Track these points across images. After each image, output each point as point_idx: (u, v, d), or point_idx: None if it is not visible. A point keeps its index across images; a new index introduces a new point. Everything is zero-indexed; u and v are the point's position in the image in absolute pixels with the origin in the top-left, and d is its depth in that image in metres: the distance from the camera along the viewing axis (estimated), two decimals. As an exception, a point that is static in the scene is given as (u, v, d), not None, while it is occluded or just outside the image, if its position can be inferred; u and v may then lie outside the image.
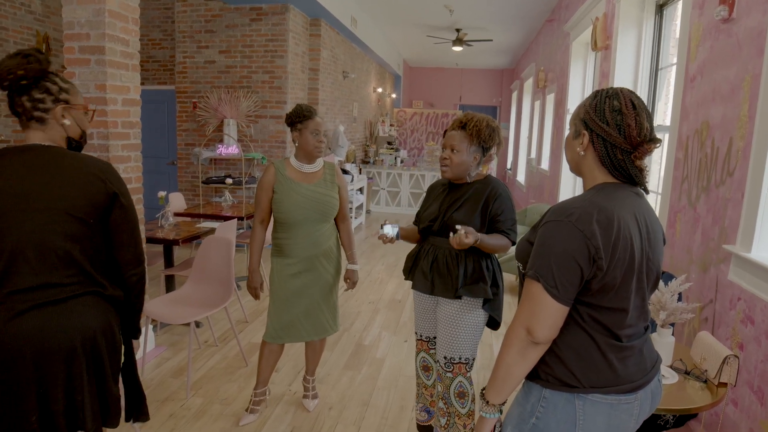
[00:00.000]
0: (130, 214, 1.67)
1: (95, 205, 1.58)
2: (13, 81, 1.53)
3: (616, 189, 1.29)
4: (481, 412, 1.37)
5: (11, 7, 5.90)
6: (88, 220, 1.57)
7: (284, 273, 2.63)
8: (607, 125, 1.26)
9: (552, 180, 6.69)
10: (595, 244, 1.19)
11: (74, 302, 1.55)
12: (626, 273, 1.23)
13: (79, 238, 1.56)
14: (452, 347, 2.26)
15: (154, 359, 3.45)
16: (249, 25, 6.32)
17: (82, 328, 1.55)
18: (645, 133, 1.25)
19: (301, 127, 2.58)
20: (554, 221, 1.23)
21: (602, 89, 1.31)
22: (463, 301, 2.24)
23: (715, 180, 2.50)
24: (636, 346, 1.31)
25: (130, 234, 1.68)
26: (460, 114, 2.31)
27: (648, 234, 1.29)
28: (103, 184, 1.59)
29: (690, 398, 1.89)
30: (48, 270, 1.52)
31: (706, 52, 2.70)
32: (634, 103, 1.26)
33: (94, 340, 1.58)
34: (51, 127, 1.61)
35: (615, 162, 1.28)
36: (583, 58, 5.91)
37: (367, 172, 9.78)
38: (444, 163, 2.24)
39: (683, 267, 2.79)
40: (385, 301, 4.86)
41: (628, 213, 1.25)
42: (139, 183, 3.39)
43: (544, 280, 1.21)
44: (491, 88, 14.84)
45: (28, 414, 1.50)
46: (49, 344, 1.50)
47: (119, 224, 1.64)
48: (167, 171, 7.11)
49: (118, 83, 3.14)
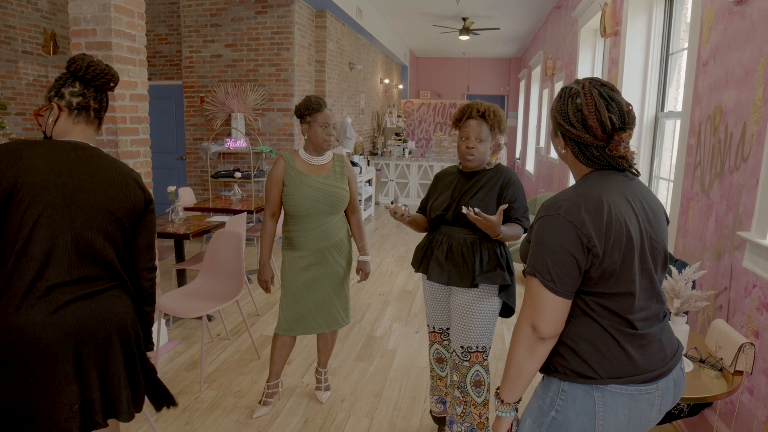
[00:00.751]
0: (154, 222, 1.77)
1: (135, 209, 1.67)
2: (113, 81, 1.70)
3: (603, 176, 1.30)
4: (497, 412, 1.37)
5: (18, 5, 5.92)
6: (125, 222, 1.65)
7: (295, 266, 2.63)
8: (574, 127, 1.27)
9: (561, 168, 6.64)
10: (586, 233, 1.19)
11: (109, 294, 1.63)
12: (625, 256, 1.23)
13: (115, 238, 1.63)
14: (468, 336, 2.26)
15: (167, 353, 3.48)
16: (254, 18, 6.30)
17: (116, 316, 1.62)
18: (610, 126, 1.25)
19: (310, 120, 2.57)
20: (545, 216, 1.25)
21: (566, 87, 1.32)
22: (479, 289, 2.24)
23: (729, 166, 2.47)
24: (653, 334, 1.30)
25: (150, 241, 1.76)
26: (468, 102, 2.30)
27: (647, 215, 1.29)
28: (141, 191, 1.70)
29: (705, 387, 1.87)
30: (86, 265, 1.57)
31: (719, 35, 2.65)
32: (595, 98, 1.25)
33: (126, 328, 1.66)
34: (95, 129, 1.72)
35: (592, 158, 1.30)
36: (592, 45, 5.84)
37: (375, 163, 9.77)
38: (470, 152, 2.23)
39: (697, 254, 2.76)
40: (395, 293, 4.87)
41: (618, 196, 1.25)
42: (148, 178, 3.40)
43: (541, 275, 1.22)
44: (499, 77, 14.72)
45: (71, 403, 1.54)
46: (88, 334, 1.56)
47: (146, 230, 1.73)
48: (176, 166, 7.14)
49: (125, 78, 3.14)
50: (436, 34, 10.88)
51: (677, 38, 3.79)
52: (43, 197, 1.50)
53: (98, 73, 1.65)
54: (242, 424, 2.71)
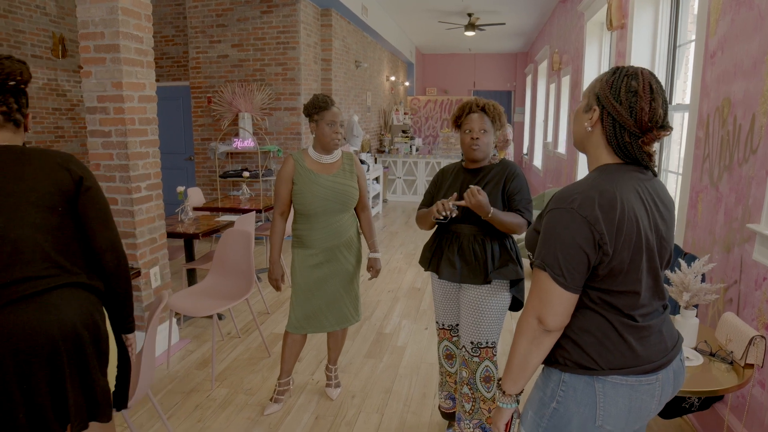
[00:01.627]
0: (98, 198, 1.68)
1: (63, 192, 1.59)
2: (19, 82, 1.60)
3: (620, 169, 1.27)
4: (498, 403, 1.37)
5: (27, 10, 5.98)
6: (57, 208, 1.58)
7: (305, 264, 2.65)
8: (620, 105, 1.23)
9: (569, 163, 6.62)
10: (599, 230, 1.18)
11: (51, 295, 1.53)
12: (634, 255, 1.22)
13: (50, 229, 1.57)
14: (479, 332, 2.27)
15: (178, 351, 3.51)
16: (260, 18, 6.32)
17: (60, 322, 1.51)
18: (657, 119, 1.23)
19: (318, 119, 2.58)
20: (557, 209, 1.22)
21: (623, 66, 1.28)
22: (490, 285, 2.25)
23: (738, 158, 2.45)
24: (654, 326, 1.30)
25: (102, 219, 1.68)
26: (467, 99, 2.33)
27: (659, 212, 1.27)
28: (66, 172, 1.61)
29: (716, 380, 1.87)
30: (21, 264, 1.50)
31: (727, 26, 2.63)
32: (652, 87, 1.23)
33: (75, 333, 1.54)
34: (21, 130, 1.65)
35: (621, 143, 1.26)
36: (598, 39, 5.81)
37: (382, 161, 9.77)
38: (475, 143, 2.24)
39: (706, 248, 2.75)
40: (404, 290, 4.88)
41: (631, 193, 1.23)
42: (158, 179, 3.43)
43: (551, 269, 1.21)
44: (505, 72, 14.66)
45: (14, 411, 1.48)
46: (28, 341, 1.47)
47: (88, 209, 1.65)
48: (185, 166, 7.19)
49: (133, 80, 3.17)
50: (441, 31, 10.86)
51: (684, 30, 3.76)
52: None
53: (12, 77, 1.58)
54: (253, 421, 2.73)
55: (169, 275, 3.60)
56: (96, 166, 3.22)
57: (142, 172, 3.27)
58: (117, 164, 3.19)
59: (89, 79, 3.13)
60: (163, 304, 2.23)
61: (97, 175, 3.22)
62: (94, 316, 1.62)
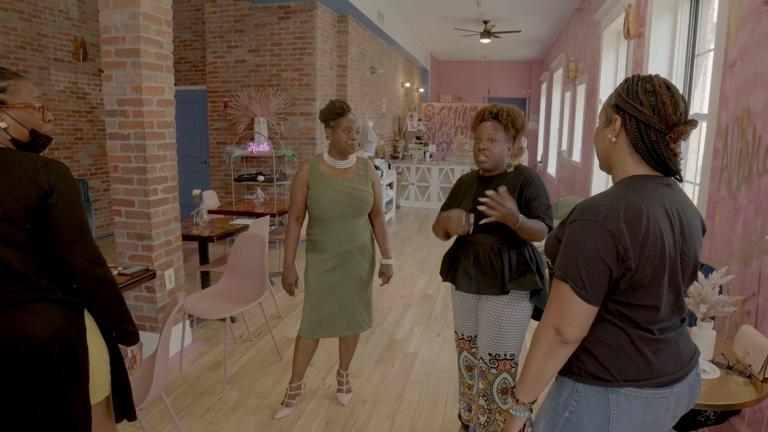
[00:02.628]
0: (69, 213, 1.51)
1: (27, 207, 1.46)
2: None
3: (646, 181, 1.25)
4: (511, 411, 1.36)
5: (50, 15, 6.10)
6: (23, 225, 1.46)
7: (319, 268, 2.66)
8: (641, 105, 1.23)
9: (584, 172, 6.57)
10: (623, 244, 1.16)
11: (20, 310, 1.46)
12: (656, 270, 1.20)
13: (18, 245, 1.46)
14: (497, 344, 2.22)
15: (191, 354, 3.54)
16: (277, 24, 6.39)
17: (27, 338, 1.44)
18: (680, 112, 1.22)
19: (334, 125, 2.60)
20: (581, 220, 1.20)
21: (634, 75, 1.29)
22: (509, 296, 2.20)
23: (758, 169, 2.42)
24: (671, 339, 1.28)
25: (74, 236, 1.52)
26: (485, 105, 2.29)
27: (682, 226, 1.25)
28: (33, 184, 1.46)
29: (733, 394, 1.84)
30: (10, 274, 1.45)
31: (747, 36, 2.60)
32: (667, 85, 1.24)
33: (44, 350, 1.46)
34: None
35: (648, 144, 1.24)
36: (615, 47, 5.78)
37: (396, 167, 9.79)
38: (483, 153, 2.21)
39: (723, 259, 2.71)
40: (416, 296, 4.87)
41: (658, 207, 1.21)
42: (174, 181, 3.47)
43: (572, 281, 1.19)
44: (520, 79, 14.63)
45: None
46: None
47: (57, 225, 1.50)
48: (200, 169, 7.26)
49: (153, 84, 3.22)
50: (457, 38, 10.87)
51: (703, 39, 3.73)
52: None
53: None
54: (264, 424, 2.74)
55: (183, 277, 3.64)
56: (114, 168, 3.27)
57: (159, 175, 3.31)
58: (135, 167, 3.23)
59: (110, 83, 3.18)
60: (178, 306, 2.25)
61: (115, 177, 3.27)
62: (67, 333, 1.52)
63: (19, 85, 1.54)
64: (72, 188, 1.53)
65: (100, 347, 1.67)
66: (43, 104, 1.61)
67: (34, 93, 1.58)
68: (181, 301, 2.26)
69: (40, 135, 1.60)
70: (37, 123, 1.59)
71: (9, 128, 1.53)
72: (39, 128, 1.60)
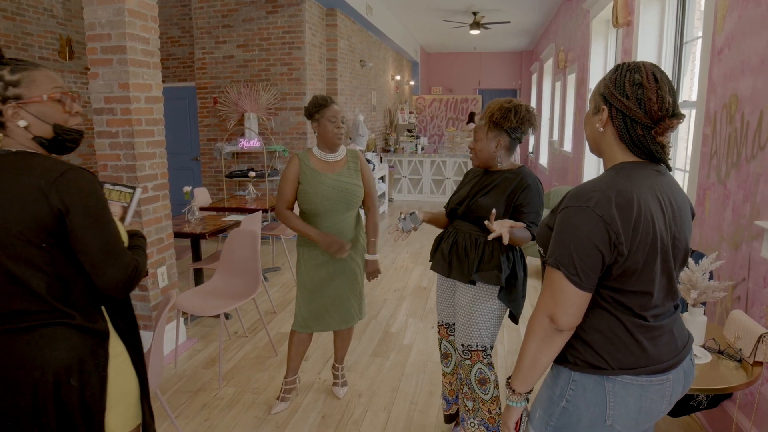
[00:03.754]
0: (92, 232, 1.34)
1: (41, 226, 1.30)
2: None
3: (636, 168, 1.25)
4: (507, 401, 1.36)
5: (35, 13, 6.03)
6: (39, 244, 1.31)
7: (311, 262, 2.65)
8: (627, 99, 1.23)
9: (575, 162, 6.60)
10: (615, 230, 1.16)
11: (36, 334, 1.34)
12: (649, 256, 1.21)
13: (37, 265, 1.32)
14: (469, 334, 2.26)
15: (186, 351, 3.53)
16: (265, 18, 6.34)
17: (41, 365, 1.33)
18: (666, 107, 1.22)
19: (319, 117, 2.59)
20: (573, 207, 1.20)
21: (624, 63, 1.28)
22: (478, 288, 2.23)
23: (746, 155, 2.44)
24: (666, 326, 1.29)
25: (102, 255, 1.35)
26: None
27: (673, 212, 1.26)
28: (45, 201, 1.29)
29: (724, 378, 1.86)
30: (9, 297, 1.32)
31: (734, 23, 2.61)
32: (656, 77, 1.22)
33: (58, 380, 1.35)
34: (11, 130, 1.36)
35: (634, 138, 1.24)
36: (604, 36, 5.78)
37: (388, 160, 9.78)
38: (471, 152, 2.29)
39: (713, 245, 2.74)
40: (410, 289, 4.88)
41: (649, 193, 1.21)
42: (164, 179, 3.45)
43: (565, 268, 1.19)
44: (510, 70, 14.62)
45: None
46: (12, 377, 1.33)
47: (80, 247, 1.34)
48: (191, 167, 7.22)
49: (140, 81, 3.19)
50: (446, 30, 10.85)
51: (691, 27, 3.74)
52: None
53: None
54: (261, 420, 2.74)
55: (176, 275, 3.62)
56: (103, 166, 3.24)
57: (149, 173, 3.29)
58: (124, 165, 3.21)
59: (96, 81, 3.15)
60: (171, 304, 2.24)
61: (105, 176, 3.24)
62: (85, 363, 1.39)
63: (35, 76, 1.38)
64: (93, 201, 1.34)
65: (130, 375, 1.54)
66: (66, 94, 1.42)
67: (55, 83, 1.41)
68: (173, 298, 2.25)
69: (66, 130, 1.42)
70: (61, 117, 1.41)
71: (30, 126, 1.37)
72: (64, 122, 1.42)
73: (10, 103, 1.34)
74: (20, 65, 1.37)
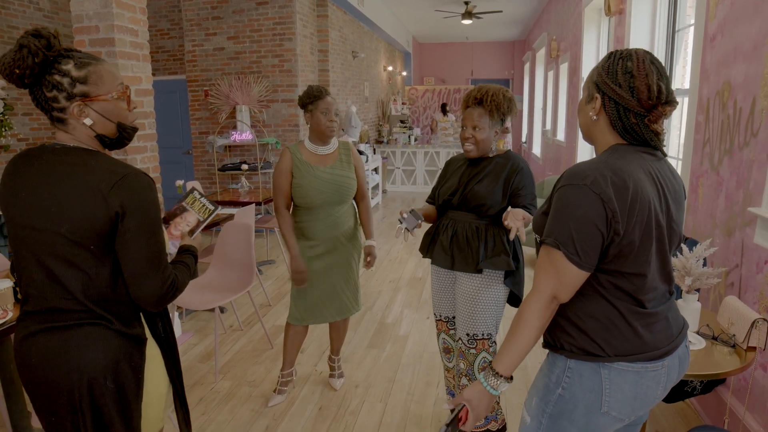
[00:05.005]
0: (143, 241, 1.31)
1: (94, 228, 1.27)
2: (12, 80, 1.28)
3: (630, 149, 1.26)
4: (486, 386, 1.28)
5: (20, 5, 5.93)
6: (87, 245, 1.29)
7: (306, 255, 2.64)
8: (620, 87, 1.22)
9: (568, 151, 6.60)
10: (611, 207, 1.16)
11: (75, 333, 1.33)
12: (644, 235, 1.21)
13: (78, 265, 1.30)
14: (474, 324, 2.25)
15: (181, 345, 3.52)
16: (255, 10, 6.28)
17: (78, 365, 1.32)
18: (660, 95, 1.21)
19: (312, 108, 2.57)
20: (570, 185, 1.20)
21: (617, 50, 1.28)
22: (483, 276, 2.23)
23: (739, 142, 2.44)
24: (661, 312, 1.29)
25: (146, 266, 1.32)
26: (472, 88, 2.27)
27: (667, 194, 1.26)
28: (104, 203, 1.26)
29: (718, 363, 1.87)
30: (52, 295, 1.32)
31: (726, 10, 2.61)
32: (647, 65, 1.22)
33: (94, 381, 1.33)
34: (74, 127, 1.32)
35: (627, 126, 1.24)
36: (597, 25, 5.77)
37: (381, 151, 9.75)
38: (469, 142, 2.21)
39: (707, 232, 2.75)
40: (405, 280, 4.88)
41: (643, 173, 1.22)
42: (156, 173, 3.42)
43: (565, 247, 1.18)
44: (503, 60, 14.60)
45: None
46: (50, 375, 1.33)
47: (127, 253, 1.31)
48: (183, 160, 7.17)
49: (129, 74, 3.15)
50: (438, 19, 10.79)
51: (683, 14, 3.73)
52: (8, 215, 1.33)
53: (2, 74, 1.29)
54: (258, 412, 2.74)
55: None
56: (94, 161, 3.21)
57: (140, 167, 3.26)
58: (115, 159, 3.17)
59: (85, 74, 3.11)
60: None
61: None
62: (121, 365, 1.36)
63: (101, 72, 1.32)
64: (151, 209, 1.32)
65: (160, 379, 1.52)
66: (127, 89, 1.39)
67: (118, 79, 1.37)
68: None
69: (127, 128, 1.40)
70: (123, 114, 1.38)
71: (95, 124, 1.33)
72: (125, 120, 1.39)
73: (76, 101, 1.29)
74: (84, 59, 1.31)
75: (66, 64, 1.29)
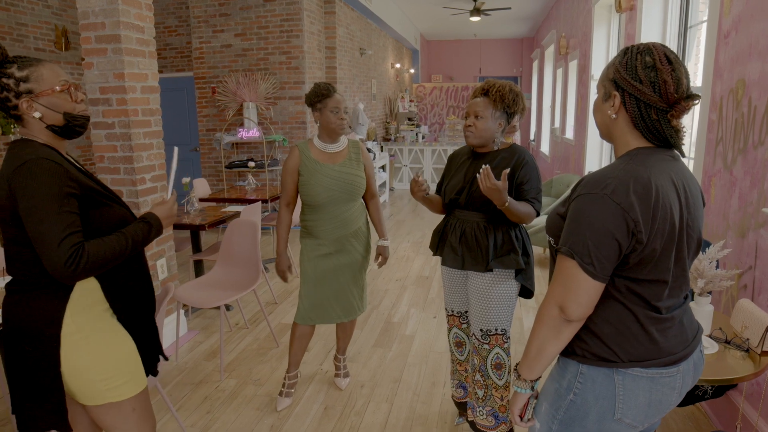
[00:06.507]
0: (29, 222, 1.43)
1: (3, 207, 1.48)
2: None
3: (651, 153, 1.21)
4: (514, 387, 1.34)
5: (29, 3, 5.95)
6: (7, 222, 1.49)
7: (314, 254, 2.62)
8: (641, 83, 1.18)
9: (577, 149, 6.54)
10: (634, 218, 1.12)
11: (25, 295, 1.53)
12: (666, 243, 1.17)
13: (7, 242, 1.53)
14: (487, 319, 2.25)
15: (186, 343, 3.51)
16: (263, 6, 6.26)
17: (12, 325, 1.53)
18: (683, 89, 1.17)
19: (321, 107, 2.55)
20: (588, 194, 1.16)
21: (632, 45, 1.23)
22: (494, 273, 2.22)
23: (753, 141, 2.39)
24: (676, 317, 1.26)
25: (36, 245, 1.44)
26: (482, 82, 2.25)
27: (687, 199, 1.22)
28: (7, 186, 1.45)
29: (731, 368, 1.83)
30: (10, 266, 1.55)
31: (742, 5, 2.55)
32: (668, 57, 1.17)
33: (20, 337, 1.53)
34: (28, 121, 1.52)
35: (649, 123, 1.20)
36: (607, 22, 5.70)
37: (388, 149, 9.72)
38: (468, 130, 2.20)
39: (719, 233, 2.70)
40: (412, 278, 4.85)
41: (665, 179, 1.17)
42: (162, 170, 3.41)
43: (580, 257, 1.15)
44: (511, 57, 14.51)
45: None
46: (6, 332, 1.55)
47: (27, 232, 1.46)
48: (190, 157, 7.17)
49: (135, 71, 3.14)
50: (446, 16, 10.73)
51: (696, 10, 3.67)
52: None
53: None
54: (263, 412, 2.73)
55: (175, 267, 3.60)
56: (100, 158, 3.20)
57: (146, 164, 3.25)
58: (121, 156, 3.17)
59: (91, 71, 3.10)
60: (170, 296, 2.21)
61: (102, 168, 3.20)
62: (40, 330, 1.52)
63: (41, 71, 1.51)
64: (34, 196, 1.42)
65: (119, 339, 1.63)
66: (71, 84, 1.56)
67: (60, 76, 1.55)
68: (172, 290, 2.22)
69: (75, 117, 1.57)
70: (69, 105, 1.56)
71: (43, 116, 1.52)
72: (72, 110, 1.57)
73: (24, 98, 1.49)
74: (26, 62, 1.50)
75: (10, 68, 1.48)
